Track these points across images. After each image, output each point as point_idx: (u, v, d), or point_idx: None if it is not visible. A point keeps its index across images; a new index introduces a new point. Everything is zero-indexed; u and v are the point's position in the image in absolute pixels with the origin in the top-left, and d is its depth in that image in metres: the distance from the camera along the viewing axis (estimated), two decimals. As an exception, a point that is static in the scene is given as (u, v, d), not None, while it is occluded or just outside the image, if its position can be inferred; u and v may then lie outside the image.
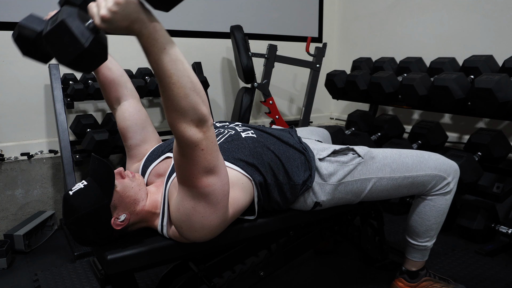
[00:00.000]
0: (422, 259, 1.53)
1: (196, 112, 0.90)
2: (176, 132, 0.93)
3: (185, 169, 0.98)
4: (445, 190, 1.42)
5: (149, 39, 0.85)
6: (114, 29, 0.82)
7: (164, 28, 0.87)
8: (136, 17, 0.82)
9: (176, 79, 0.87)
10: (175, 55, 0.87)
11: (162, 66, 0.86)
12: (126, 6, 0.80)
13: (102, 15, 0.79)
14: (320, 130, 1.86)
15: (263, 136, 1.29)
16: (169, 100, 0.89)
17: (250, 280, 1.37)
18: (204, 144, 0.94)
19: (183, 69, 0.88)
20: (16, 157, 2.21)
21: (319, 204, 1.33)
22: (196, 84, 0.90)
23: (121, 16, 0.80)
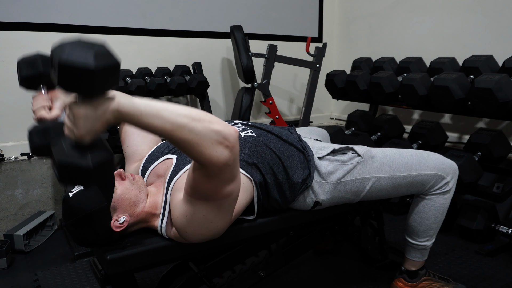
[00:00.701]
0: (421, 259, 1.53)
1: (211, 135, 0.87)
2: (203, 161, 0.89)
3: (209, 187, 0.96)
4: (444, 190, 1.42)
5: (124, 118, 0.84)
6: (95, 134, 0.83)
7: (123, 95, 0.85)
8: (100, 119, 0.81)
9: (170, 126, 0.85)
10: (152, 111, 0.84)
11: (152, 126, 0.85)
12: (85, 123, 0.80)
13: (77, 137, 0.81)
14: (319, 130, 1.86)
15: (262, 134, 1.29)
16: (181, 143, 0.87)
17: (250, 280, 1.37)
18: (232, 159, 0.92)
19: (170, 113, 0.84)
20: (16, 157, 2.20)
21: (318, 203, 1.33)
22: (192, 113, 0.86)
23: (89, 129, 0.81)
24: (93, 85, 0.75)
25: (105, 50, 0.77)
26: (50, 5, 2.28)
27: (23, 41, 2.23)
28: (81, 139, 0.82)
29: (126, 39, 2.53)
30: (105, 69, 0.75)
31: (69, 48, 0.73)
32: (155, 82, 2.36)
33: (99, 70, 0.73)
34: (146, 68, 2.49)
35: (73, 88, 0.76)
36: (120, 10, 2.48)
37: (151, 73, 2.49)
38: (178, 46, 2.72)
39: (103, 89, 0.79)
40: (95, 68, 0.73)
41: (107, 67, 0.76)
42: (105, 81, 0.77)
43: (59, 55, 0.73)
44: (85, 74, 0.73)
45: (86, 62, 0.72)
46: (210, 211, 1.01)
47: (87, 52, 0.73)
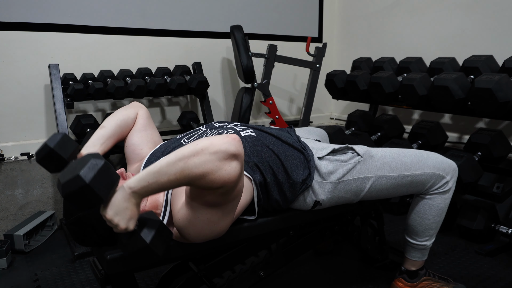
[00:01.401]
0: (421, 259, 1.53)
1: (212, 157, 0.88)
2: (221, 184, 0.91)
3: (220, 200, 0.98)
4: (444, 189, 1.42)
5: (142, 193, 0.92)
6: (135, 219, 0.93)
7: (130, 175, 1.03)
8: (126, 206, 0.91)
9: (175, 176, 0.89)
10: (155, 175, 0.90)
11: (163, 186, 0.90)
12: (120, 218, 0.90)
13: (123, 230, 0.91)
14: (318, 130, 1.86)
15: (262, 135, 1.30)
16: (195, 183, 0.90)
17: (250, 280, 1.37)
18: (241, 167, 0.93)
19: (167, 166, 0.89)
20: (16, 157, 2.20)
21: (319, 203, 1.33)
22: (184, 153, 0.89)
23: (127, 219, 0.91)
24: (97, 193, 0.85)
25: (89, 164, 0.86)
26: (50, 5, 2.28)
27: (23, 41, 2.23)
28: (128, 229, 0.91)
29: (126, 39, 2.53)
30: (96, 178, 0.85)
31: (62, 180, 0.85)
32: (155, 82, 2.36)
33: (93, 186, 0.84)
34: (146, 68, 2.49)
35: (86, 205, 0.87)
36: (120, 10, 2.48)
37: (151, 73, 2.49)
38: (178, 46, 2.72)
39: (106, 190, 0.88)
40: (89, 182, 0.83)
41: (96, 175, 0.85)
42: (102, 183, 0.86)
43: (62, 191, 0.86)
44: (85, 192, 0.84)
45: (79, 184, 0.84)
46: (214, 214, 1.02)
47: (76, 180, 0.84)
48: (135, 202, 0.91)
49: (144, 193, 0.92)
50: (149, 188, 0.90)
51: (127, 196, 0.90)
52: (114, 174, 0.90)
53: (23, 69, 2.24)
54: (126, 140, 1.36)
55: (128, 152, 1.35)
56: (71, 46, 2.36)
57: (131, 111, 1.36)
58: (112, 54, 2.50)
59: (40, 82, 2.30)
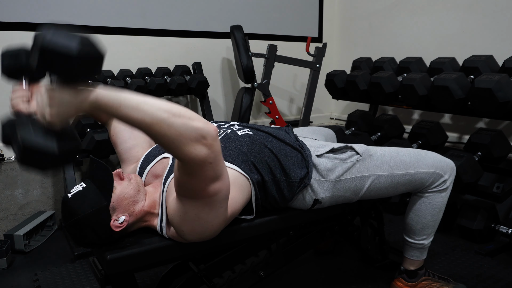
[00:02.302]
0: (420, 258, 1.53)
1: (190, 131, 0.87)
2: (182, 157, 0.90)
3: (192, 185, 0.97)
4: (441, 188, 1.42)
5: (102, 108, 0.83)
6: (66, 121, 0.82)
7: (104, 87, 0.85)
8: (76, 105, 0.81)
9: (150, 120, 0.84)
10: (132, 103, 0.84)
11: (131, 119, 0.85)
12: (59, 107, 0.79)
13: (48, 121, 0.80)
14: (324, 130, 1.85)
15: (259, 134, 1.30)
16: (160, 138, 0.87)
17: (250, 280, 1.37)
18: (212, 157, 0.92)
19: (150, 106, 0.85)
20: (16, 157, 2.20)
21: (318, 202, 1.33)
22: (172, 109, 0.86)
23: (61, 114, 0.80)
24: (74, 70, 0.75)
25: (90, 39, 0.77)
26: (50, 5, 2.28)
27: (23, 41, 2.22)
28: (52, 124, 0.80)
29: (126, 39, 2.53)
30: (88, 57, 0.75)
31: (54, 31, 0.74)
32: (155, 82, 2.36)
33: (82, 55, 0.74)
34: (146, 68, 2.49)
35: (53, 69, 0.76)
36: (120, 10, 2.48)
37: (151, 73, 2.49)
38: (178, 46, 2.72)
39: (84, 76, 0.78)
40: (78, 53, 0.73)
41: (91, 56, 0.76)
42: (86, 69, 0.77)
43: (44, 37, 0.73)
44: (67, 57, 0.73)
45: (69, 46, 0.73)
46: (201, 210, 1.01)
47: (72, 38, 0.74)
48: (86, 108, 0.82)
49: (103, 109, 0.83)
50: (114, 110, 0.83)
51: (88, 99, 0.81)
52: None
53: (23, 69, 2.24)
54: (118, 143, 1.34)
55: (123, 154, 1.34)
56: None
57: None
58: (112, 54, 2.49)
59: (40, 82, 2.30)
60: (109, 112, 0.84)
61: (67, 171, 2.05)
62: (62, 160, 0.82)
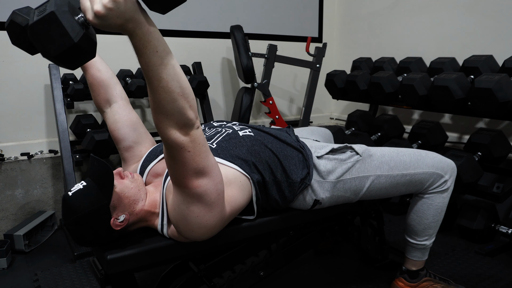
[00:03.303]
0: (421, 258, 1.53)
1: (182, 116, 0.91)
2: (161, 133, 0.93)
3: (175, 170, 0.99)
4: (442, 188, 1.42)
5: (142, 41, 0.82)
6: (106, 26, 0.78)
7: (159, 32, 0.84)
8: (131, 16, 0.78)
9: (165, 84, 0.86)
10: (167, 59, 0.85)
11: (153, 69, 0.84)
12: (123, 4, 0.75)
13: (97, 11, 0.75)
14: (322, 130, 1.86)
15: (260, 134, 1.30)
16: (156, 103, 0.89)
17: (250, 280, 1.37)
18: (191, 146, 0.94)
19: (174, 73, 0.87)
20: (16, 157, 2.20)
21: (318, 202, 1.33)
22: (186, 89, 0.89)
23: (116, 13, 0.76)
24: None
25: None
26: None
27: (23, 41, 2.23)
28: (95, 14, 0.75)
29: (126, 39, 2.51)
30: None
31: None
32: (155, 82, 2.36)
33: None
34: (146, 68, 2.49)
35: None
36: (120, 10, 2.48)
37: (151, 73, 2.49)
38: (178, 46, 2.72)
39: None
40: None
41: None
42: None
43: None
44: None
45: None
46: (191, 203, 1.02)
47: None
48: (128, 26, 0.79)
49: (136, 41, 0.82)
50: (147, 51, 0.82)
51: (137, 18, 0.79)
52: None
53: (23, 69, 2.24)
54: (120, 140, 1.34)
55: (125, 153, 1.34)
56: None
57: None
58: (112, 54, 2.49)
59: (40, 82, 2.30)
60: (141, 50, 0.83)
61: (67, 171, 2.05)
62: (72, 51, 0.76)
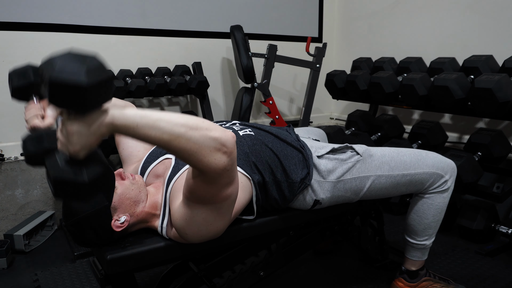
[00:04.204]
0: (421, 258, 1.53)
1: (209, 142, 0.86)
2: (203, 168, 0.89)
3: (207, 193, 0.96)
4: (442, 188, 1.42)
5: (120, 130, 0.82)
6: (89, 149, 0.81)
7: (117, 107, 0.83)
8: (94, 133, 0.79)
9: (168, 137, 0.83)
10: (149, 122, 0.82)
11: (149, 138, 0.83)
12: (79, 139, 0.78)
13: (72, 152, 0.80)
14: (316, 130, 1.86)
15: (261, 133, 1.30)
16: (180, 153, 0.86)
17: (250, 280, 1.37)
18: (231, 164, 0.92)
19: (167, 123, 0.83)
20: (16, 157, 2.20)
21: (318, 202, 1.33)
22: (189, 122, 0.85)
23: (84, 144, 0.79)
24: (86, 101, 0.73)
25: (97, 63, 0.74)
26: (50, 5, 2.28)
27: (23, 41, 2.23)
28: (76, 155, 0.80)
29: (126, 39, 2.53)
30: (98, 84, 0.72)
31: (60, 64, 0.70)
32: (155, 82, 2.36)
33: (91, 86, 0.71)
34: (146, 68, 2.49)
35: (65, 105, 0.74)
36: (120, 10, 2.48)
37: (151, 73, 2.49)
38: (178, 46, 2.72)
39: (96, 105, 0.76)
40: (87, 85, 0.70)
41: (100, 82, 0.73)
42: (98, 96, 0.75)
43: (50, 72, 0.69)
44: (77, 92, 0.70)
45: (77, 79, 0.70)
46: (210, 214, 1.01)
47: (78, 68, 0.70)
48: (104, 133, 0.81)
49: (122, 132, 0.83)
50: (131, 131, 0.82)
51: (104, 124, 0.79)
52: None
53: (23, 69, 2.24)
54: (123, 143, 1.35)
55: (125, 155, 1.35)
56: (71, 46, 2.36)
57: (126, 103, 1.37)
58: (112, 54, 2.49)
59: (40, 82, 2.30)
60: (126, 133, 0.83)
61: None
62: (94, 186, 0.82)
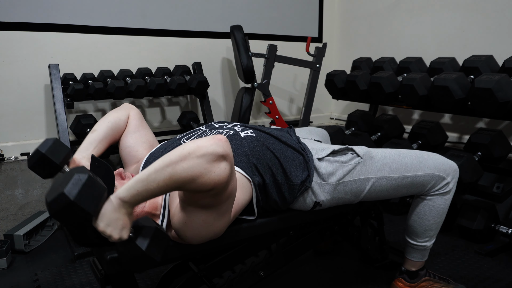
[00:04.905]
0: (421, 259, 1.53)
1: (200, 161, 0.87)
2: (210, 187, 0.90)
3: (212, 201, 0.97)
4: (444, 190, 1.42)
5: (133, 202, 0.92)
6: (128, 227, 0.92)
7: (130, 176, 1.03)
8: (118, 216, 0.90)
9: (164, 182, 0.88)
10: (143, 183, 0.89)
11: (153, 192, 0.90)
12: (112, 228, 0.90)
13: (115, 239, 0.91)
14: (319, 130, 1.86)
15: (262, 135, 1.29)
16: (184, 187, 0.90)
17: (250, 280, 1.37)
18: (231, 166, 0.93)
19: (155, 172, 0.89)
20: (16, 157, 2.20)
21: (318, 204, 1.33)
22: (172, 158, 0.88)
23: (119, 229, 0.91)
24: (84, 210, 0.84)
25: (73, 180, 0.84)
26: (50, 5, 2.28)
27: (23, 41, 2.23)
28: (122, 239, 0.91)
29: (126, 39, 2.53)
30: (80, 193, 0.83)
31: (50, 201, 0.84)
32: (155, 82, 2.36)
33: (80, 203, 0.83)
34: (146, 68, 2.49)
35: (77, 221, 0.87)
36: (120, 10, 2.48)
37: (151, 73, 2.49)
38: (178, 46, 2.72)
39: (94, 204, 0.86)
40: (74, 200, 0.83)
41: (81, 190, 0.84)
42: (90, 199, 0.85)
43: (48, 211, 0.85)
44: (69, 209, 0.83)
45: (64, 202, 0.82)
46: (209, 216, 1.01)
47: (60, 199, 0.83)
48: (126, 211, 0.91)
49: (134, 202, 0.91)
50: (139, 196, 0.90)
51: (117, 207, 0.90)
52: (100, 186, 0.89)
53: (23, 69, 2.24)
54: (120, 142, 1.35)
55: (124, 154, 1.35)
56: (71, 46, 2.36)
57: (122, 113, 1.36)
58: (112, 54, 2.50)
59: (40, 82, 2.30)
60: (138, 200, 0.91)
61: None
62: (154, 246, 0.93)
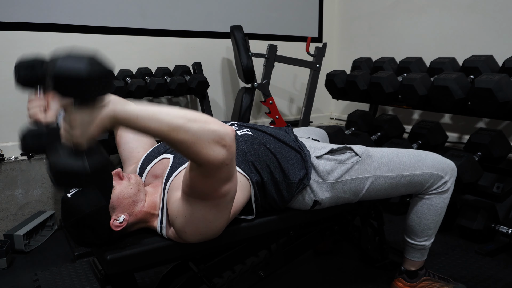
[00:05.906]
0: (421, 259, 1.53)
1: (207, 134, 0.87)
2: (201, 161, 0.89)
3: (206, 187, 0.96)
4: (442, 189, 1.42)
5: (121, 122, 0.85)
6: (91, 139, 0.83)
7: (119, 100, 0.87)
8: (96, 124, 0.82)
9: (167, 128, 0.85)
10: (148, 113, 0.85)
11: (148, 129, 0.85)
12: (82, 128, 0.81)
13: (74, 142, 0.81)
14: (317, 130, 1.86)
15: (259, 134, 1.30)
16: (178, 144, 0.87)
17: (250, 280, 1.37)
18: (229, 158, 0.92)
19: (166, 115, 0.85)
20: (16, 157, 2.20)
21: (318, 203, 1.33)
22: (187, 114, 0.87)
23: (85, 134, 0.81)
24: (87, 91, 0.78)
25: (97, 58, 0.80)
26: (50, 5, 2.28)
27: (23, 41, 2.23)
28: (78, 145, 0.82)
29: (126, 39, 2.53)
30: (98, 76, 0.78)
31: (63, 57, 0.77)
32: (155, 82, 2.36)
33: (92, 77, 0.77)
34: (146, 68, 2.49)
35: (68, 94, 0.79)
36: (120, 10, 2.48)
37: (151, 73, 2.49)
38: (178, 46, 2.72)
39: (97, 95, 0.81)
40: (88, 75, 0.76)
41: (100, 74, 0.79)
42: (98, 88, 0.80)
43: (54, 64, 0.77)
44: (78, 81, 0.76)
45: (79, 70, 0.76)
46: (209, 211, 1.01)
47: (80, 61, 0.77)
48: (106, 125, 0.83)
49: (123, 124, 0.85)
50: (132, 123, 0.84)
51: (106, 115, 0.82)
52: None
53: (23, 69, 2.24)
54: (123, 143, 1.35)
55: (125, 155, 1.35)
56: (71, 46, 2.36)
57: None
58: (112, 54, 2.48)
59: (40, 82, 2.30)
60: (127, 125, 0.85)
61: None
62: (95, 176, 0.84)
